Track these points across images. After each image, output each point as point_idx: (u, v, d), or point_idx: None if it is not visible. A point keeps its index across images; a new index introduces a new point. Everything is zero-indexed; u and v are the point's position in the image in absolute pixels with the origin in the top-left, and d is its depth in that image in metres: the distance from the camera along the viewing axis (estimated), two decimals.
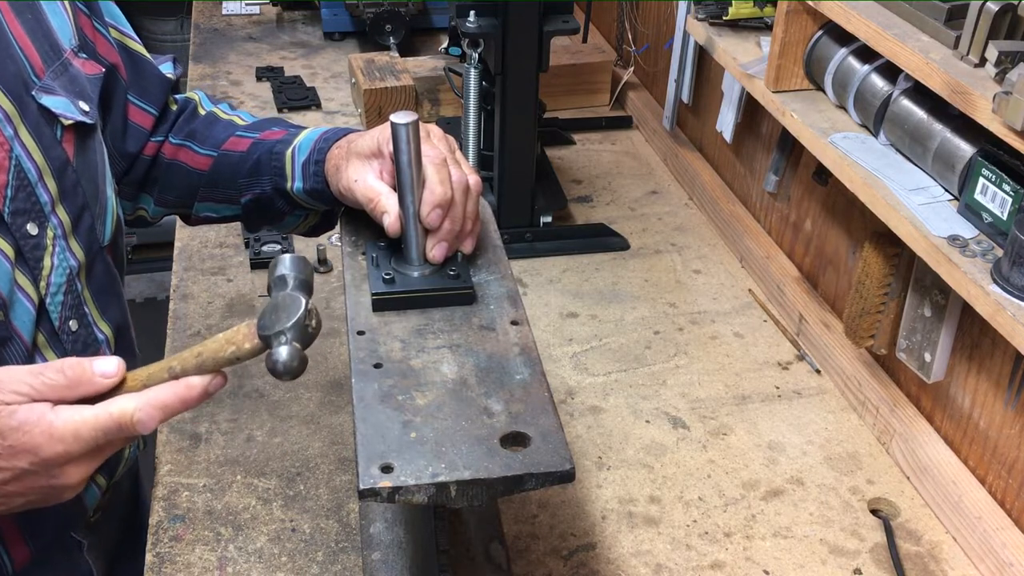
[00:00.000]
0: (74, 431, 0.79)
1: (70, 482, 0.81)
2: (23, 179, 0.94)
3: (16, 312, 0.94)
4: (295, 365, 0.79)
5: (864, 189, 1.26)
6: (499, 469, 0.79)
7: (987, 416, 1.27)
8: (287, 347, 0.79)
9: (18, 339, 0.95)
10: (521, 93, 1.70)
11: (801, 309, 1.59)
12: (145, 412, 0.80)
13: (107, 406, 0.81)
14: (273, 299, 0.83)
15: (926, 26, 1.17)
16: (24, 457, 0.79)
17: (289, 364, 0.79)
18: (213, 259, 1.74)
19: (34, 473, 0.80)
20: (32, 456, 0.79)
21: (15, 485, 0.81)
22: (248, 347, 0.82)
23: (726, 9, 1.62)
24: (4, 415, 0.79)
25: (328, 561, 1.19)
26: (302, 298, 0.82)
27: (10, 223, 0.93)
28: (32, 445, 0.78)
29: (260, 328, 0.81)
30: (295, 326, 0.80)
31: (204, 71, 2.42)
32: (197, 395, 0.82)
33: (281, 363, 0.79)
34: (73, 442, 0.79)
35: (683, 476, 1.34)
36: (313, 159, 1.10)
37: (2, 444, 0.79)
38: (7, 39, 0.96)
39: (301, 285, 0.84)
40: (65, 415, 0.80)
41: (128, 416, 0.80)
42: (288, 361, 0.79)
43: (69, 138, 1.01)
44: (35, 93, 0.97)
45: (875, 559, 1.23)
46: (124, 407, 0.80)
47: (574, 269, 1.77)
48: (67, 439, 0.79)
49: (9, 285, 0.93)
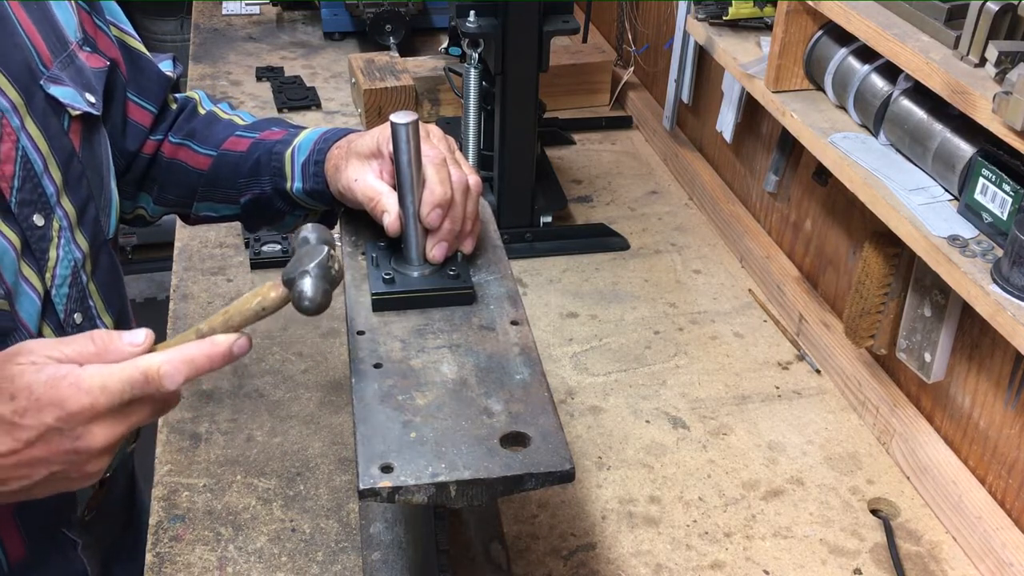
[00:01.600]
0: (101, 383, 0.79)
1: (94, 444, 0.80)
2: (29, 169, 0.95)
3: (21, 303, 0.95)
4: (319, 297, 0.80)
5: (864, 189, 1.26)
6: (499, 469, 0.79)
7: (987, 416, 1.27)
8: (311, 280, 0.80)
9: (24, 330, 0.95)
10: (521, 93, 1.70)
11: (801, 309, 1.59)
12: (172, 365, 0.80)
13: (134, 361, 0.81)
14: (296, 254, 0.84)
15: (926, 26, 1.17)
16: (51, 411, 0.78)
17: (314, 296, 0.80)
18: (213, 259, 1.74)
19: (59, 431, 0.79)
20: (59, 410, 0.78)
21: (40, 447, 0.80)
22: (274, 296, 0.83)
23: (726, 9, 1.62)
24: (32, 371, 0.79)
25: (328, 561, 1.19)
26: (324, 245, 0.83)
27: (17, 213, 0.94)
28: (59, 398, 0.78)
29: (285, 275, 0.83)
30: (318, 264, 0.81)
31: (204, 71, 2.42)
32: (222, 352, 0.82)
33: (307, 296, 0.80)
34: (100, 394, 0.79)
35: (683, 476, 1.34)
36: (313, 159, 1.10)
37: (29, 398, 0.78)
38: (14, 28, 0.97)
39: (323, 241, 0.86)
40: (93, 369, 0.80)
41: (155, 369, 0.80)
42: (313, 293, 0.80)
43: (76, 129, 1.01)
44: (43, 83, 0.98)
45: (875, 559, 1.23)
46: (151, 360, 0.80)
47: (574, 269, 1.78)
48: (94, 391, 0.78)
49: (14, 276, 0.94)
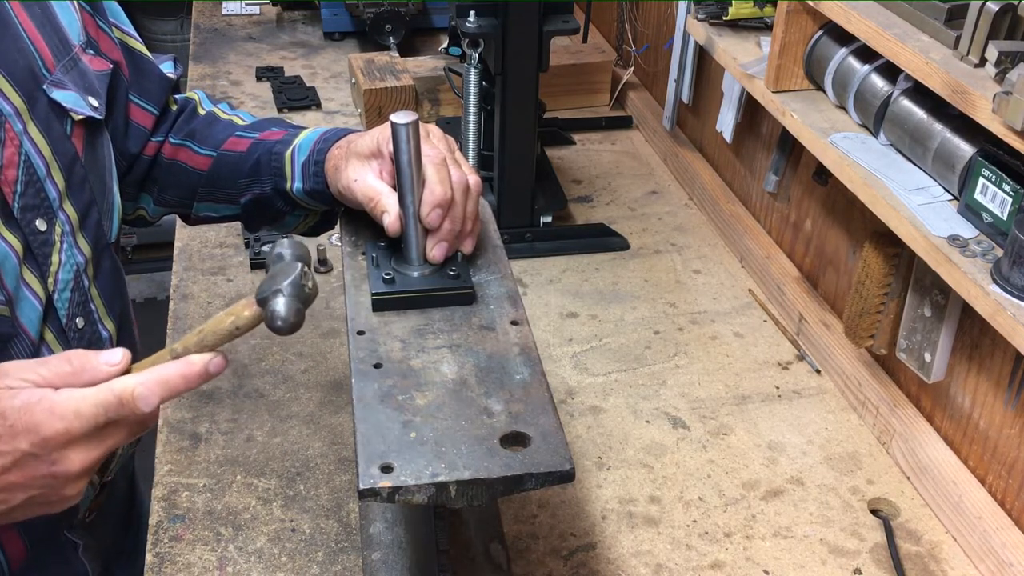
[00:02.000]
0: (75, 408, 0.79)
1: (71, 469, 0.80)
2: (32, 174, 0.94)
3: (22, 308, 0.94)
4: (292, 318, 0.79)
5: (864, 189, 1.26)
6: (499, 469, 0.79)
7: (987, 416, 1.27)
8: (284, 299, 0.80)
9: (24, 335, 0.95)
10: (521, 93, 1.70)
11: (801, 309, 1.59)
12: (146, 387, 0.80)
13: (108, 384, 0.81)
14: (269, 272, 0.83)
15: (926, 26, 1.17)
16: (25, 437, 0.78)
17: (287, 316, 0.79)
18: (213, 259, 1.74)
19: (35, 457, 0.79)
20: (33, 436, 0.78)
21: (16, 473, 0.80)
22: (247, 315, 0.82)
23: (726, 9, 1.62)
24: (7, 397, 0.79)
25: (328, 561, 1.19)
26: (298, 263, 0.82)
27: (19, 219, 0.93)
28: (33, 424, 0.78)
29: (258, 294, 0.82)
30: (291, 283, 0.81)
31: (204, 71, 2.42)
32: (198, 372, 0.82)
33: (280, 316, 0.79)
34: (74, 419, 0.78)
35: (683, 476, 1.34)
36: (313, 159, 1.10)
37: (3, 425, 0.78)
38: (17, 32, 0.96)
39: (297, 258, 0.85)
40: (66, 394, 0.80)
41: (129, 391, 0.79)
42: (285, 313, 0.79)
43: (78, 133, 1.01)
44: (46, 87, 0.97)
45: (875, 559, 1.23)
46: (125, 383, 0.80)
47: (574, 269, 1.77)
48: (68, 416, 0.78)
49: (16, 281, 0.93)
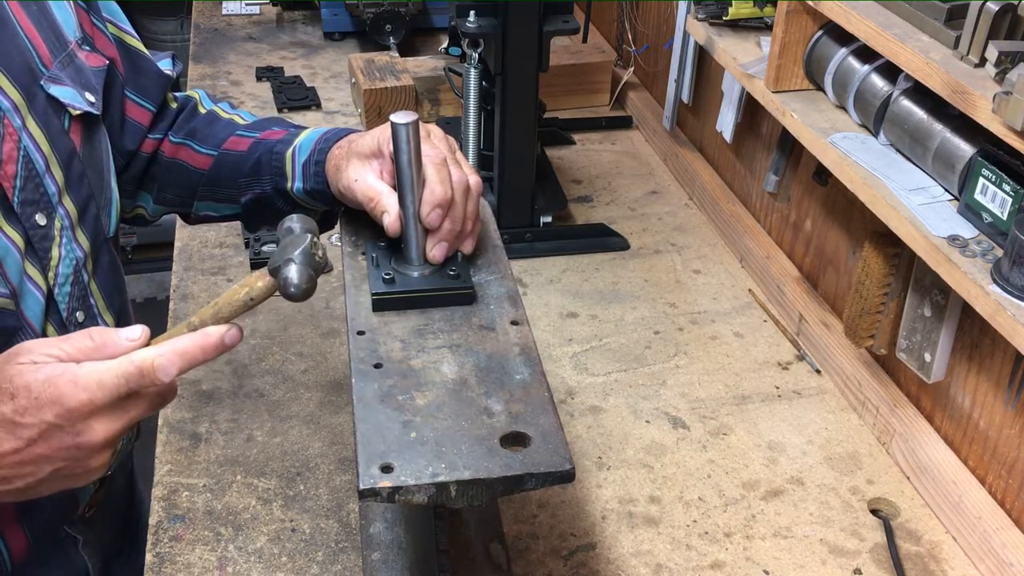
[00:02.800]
0: (97, 379, 0.80)
1: (94, 439, 0.82)
2: (31, 169, 0.95)
3: (26, 302, 0.95)
4: (304, 283, 0.82)
5: (864, 189, 1.26)
6: (499, 469, 0.79)
7: (987, 416, 1.27)
8: (296, 267, 0.82)
9: (29, 329, 0.96)
10: (521, 93, 1.70)
11: (801, 309, 1.59)
12: (165, 358, 0.82)
13: (128, 356, 0.82)
14: (281, 243, 0.86)
15: (926, 26, 1.17)
16: (50, 409, 0.80)
17: (299, 282, 0.82)
18: (213, 259, 1.74)
19: (60, 428, 0.81)
20: (58, 407, 0.80)
21: (42, 445, 0.81)
22: (261, 285, 0.85)
23: (726, 9, 1.62)
24: (31, 371, 0.81)
25: (328, 561, 1.19)
26: (307, 234, 0.85)
27: (19, 213, 0.94)
28: (57, 395, 0.80)
29: (270, 265, 0.84)
30: (302, 252, 0.84)
31: (204, 71, 2.42)
32: (214, 343, 0.84)
33: (293, 283, 0.82)
34: (97, 389, 0.80)
35: (683, 476, 1.34)
36: (313, 159, 1.10)
37: (28, 397, 0.80)
38: (14, 29, 0.97)
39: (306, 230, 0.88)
40: (89, 366, 0.81)
41: (149, 362, 0.81)
42: (298, 279, 0.82)
43: (76, 128, 1.02)
44: (43, 83, 0.98)
45: (875, 559, 1.23)
46: (144, 354, 0.82)
47: (574, 269, 1.77)
48: (91, 387, 0.80)
49: (19, 275, 0.94)
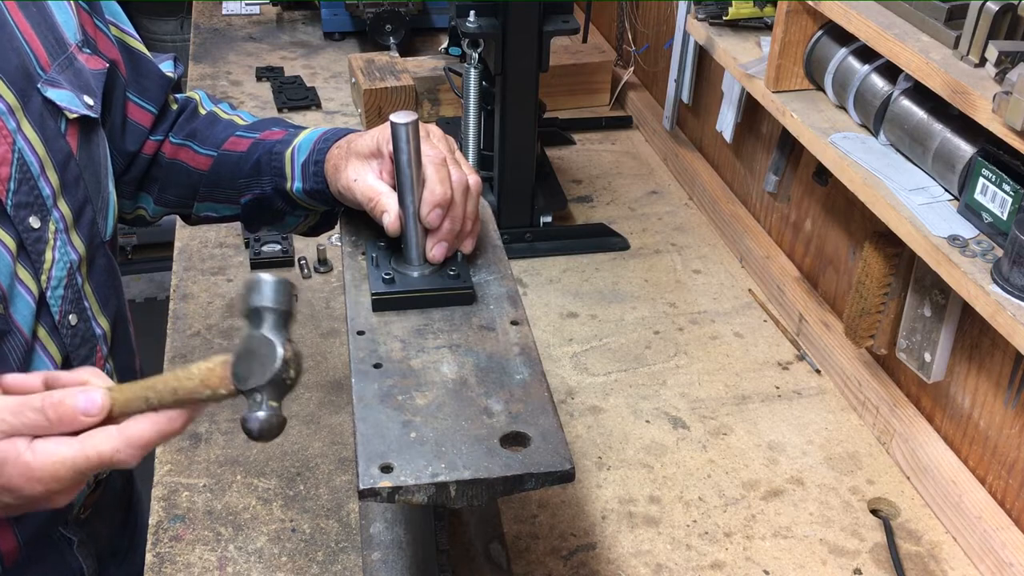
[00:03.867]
0: (52, 473, 0.78)
1: (55, 505, 0.82)
2: (25, 172, 0.95)
3: (16, 306, 0.95)
4: (270, 429, 0.76)
5: (864, 189, 1.26)
6: (499, 469, 0.79)
7: (987, 416, 1.27)
8: (263, 411, 0.75)
9: (18, 332, 0.95)
10: (521, 93, 1.70)
11: (801, 309, 1.59)
12: (125, 453, 0.78)
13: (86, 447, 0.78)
14: (247, 340, 0.77)
15: (926, 26, 1.17)
16: (5, 494, 0.79)
17: (264, 429, 0.75)
18: (213, 259, 1.74)
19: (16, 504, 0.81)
20: (12, 494, 0.79)
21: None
22: (224, 392, 0.78)
23: (726, 9, 1.62)
24: None
25: (328, 561, 1.19)
26: (278, 345, 0.76)
27: (13, 216, 0.94)
28: (11, 485, 0.79)
29: (235, 376, 0.77)
30: (271, 383, 0.76)
31: (204, 71, 2.42)
32: (179, 427, 0.80)
33: (256, 430, 0.75)
34: (52, 482, 0.78)
35: (683, 476, 1.34)
36: (313, 159, 1.10)
37: None
38: (12, 33, 0.97)
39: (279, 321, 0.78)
40: (43, 455, 0.78)
41: (108, 456, 0.78)
42: (262, 427, 0.75)
43: (73, 132, 1.01)
44: (40, 86, 0.98)
45: (875, 559, 1.23)
46: (102, 449, 0.78)
47: (574, 269, 1.77)
48: (46, 479, 0.78)
49: (10, 278, 0.94)
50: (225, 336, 1.55)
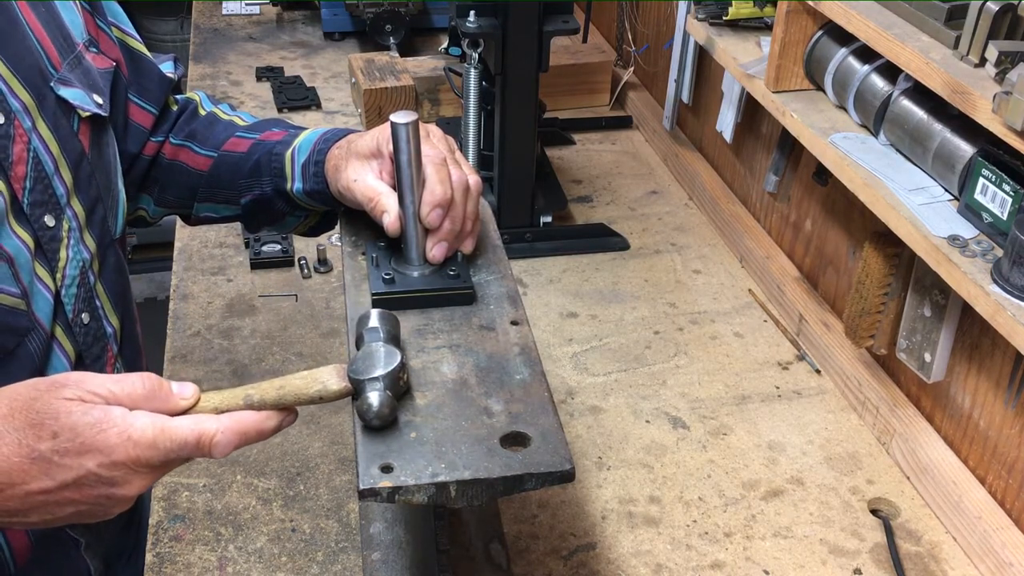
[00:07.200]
0: (152, 439, 0.76)
1: (129, 493, 0.78)
2: (40, 171, 0.95)
3: (37, 303, 0.95)
4: (387, 411, 0.80)
5: (864, 189, 1.26)
6: (499, 469, 0.79)
7: (987, 416, 1.27)
8: (379, 393, 0.80)
9: (40, 329, 0.95)
10: (521, 93, 1.70)
11: (801, 309, 1.59)
12: (226, 436, 0.78)
13: (190, 421, 0.78)
14: (366, 348, 0.83)
15: (926, 26, 1.17)
16: (93, 457, 0.75)
17: (381, 410, 0.80)
18: (213, 259, 1.74)
19: (97, 477, 0.76)
20: (103, 456, 0.75)
21: (74, 490, 0.77)
22: (335, 388, 0.81)
23: (726, 9, 1.62)
24: (79, 411, 0.76)
25: (328, 561, 1.19)
26: (398, 352, 0.83)
27: (29, 214, 0.94)
28: (106, 445, 0.75)
29: (352, 372, 0.81)
30: (389, 376, 0.81)
31: (204, 71, 2.42)
32: (273, 428, 0.81)
33: (374, 409, 0.80)
34: (148, 449, 0.76)
35: (683, 476, 1.34)
36: (313, 160, 1.10)
37: (73, 440, 0.75)
38: (24, 31, 0.97)
39: (393, 340, 0.86)
40: (144, 420, 0.77)
41: (209, 436, 0.78)
42: (380, 408, 0.80)
43: (85, 130, 1.02)
44: (53, 84, 0.98)
45: (875, 559, 1.23)
46: (206, 427, 0.78)
47: (574, 269, 1.77)
48: (143, 445, 0.76)
49: (30, 276, 0.94)
50: (225, 336, 1.55)
